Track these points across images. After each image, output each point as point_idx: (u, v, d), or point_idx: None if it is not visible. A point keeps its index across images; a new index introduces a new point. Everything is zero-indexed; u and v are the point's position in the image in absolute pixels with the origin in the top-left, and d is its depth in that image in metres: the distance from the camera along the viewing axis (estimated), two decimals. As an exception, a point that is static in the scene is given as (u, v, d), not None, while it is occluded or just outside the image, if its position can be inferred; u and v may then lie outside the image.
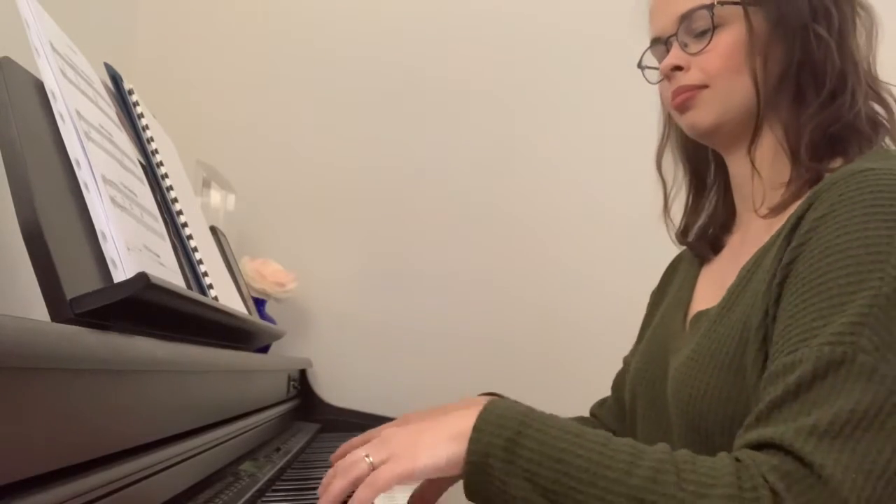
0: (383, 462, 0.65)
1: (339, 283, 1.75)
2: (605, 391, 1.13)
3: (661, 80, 0.88)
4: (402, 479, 0.64)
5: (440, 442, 0.64)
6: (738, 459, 0.61)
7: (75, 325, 0.51)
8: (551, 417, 0.65)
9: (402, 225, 1.78)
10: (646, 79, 0.92)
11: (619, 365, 1.12)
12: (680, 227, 0.97)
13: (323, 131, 1.79)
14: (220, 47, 1.79)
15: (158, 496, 0.62)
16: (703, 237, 0.94)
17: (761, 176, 0.81)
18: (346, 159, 1.78)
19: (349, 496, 0.67)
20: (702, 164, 0.95)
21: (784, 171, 0.80)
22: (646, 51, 0.91)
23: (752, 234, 0.83)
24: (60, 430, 0.45)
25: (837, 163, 0.77)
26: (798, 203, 0.75)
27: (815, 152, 0.78)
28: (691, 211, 0.96)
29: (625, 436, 0.98)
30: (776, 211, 0.79)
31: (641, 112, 1.78)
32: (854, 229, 0.65)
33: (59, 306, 0.54)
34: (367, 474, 0.65)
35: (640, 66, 0.92)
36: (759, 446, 0.61)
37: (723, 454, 0.62)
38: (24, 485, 0.41)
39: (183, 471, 0.69)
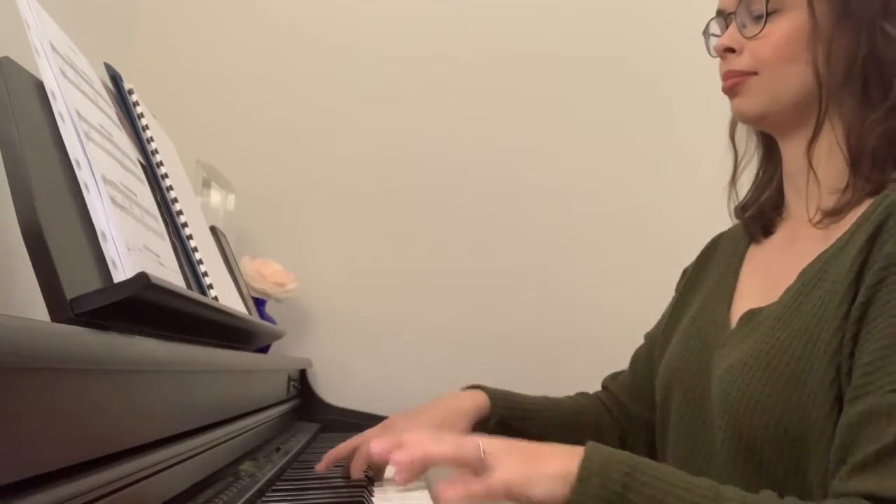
0: (495, 465, 0.65)
1: (339, 283, 1.75)
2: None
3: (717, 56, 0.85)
4: (511, 495, 0.64)
5: (552, 477, 0.63)
6: None
7: (75, 325, 0.51)
8: (655, 467, 0.63)
9: (402, 225, 1.78)
10: (707, 48, 0.89)
11: (622, 364, 1.12)
12: (743, 200, 0.93)
13: (323, 131, 1.79)
14: (220, 47, 1.79)
15: (158, 496, 0.62)
16: (759, 215, 0.90)
17: (817, 176, 0.78)
18: (346, 159, 1.78)
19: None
20: (774, 139, 0.89)
21: (841, 175, 0.76)
22: (711, 20, 0.88)
23: (805, 233, 0.79)
24: (60, 430, 0.45)
25: None
26: (858, 210, 0.72)
27: (878, 161, 0.74)
28: (759, 185, 0.92)
29: (637, 412, 1.00)
30: (830, 219, 0.75)
31: (643, 111, 1.79)
32: None
33: (59, 306, 0.54)
34: (478, 461, 0.65)
35: (704, 33, 0.89)
36: (861, 495, 0.58)
37: (828, 502, 0.59)
38: (24, 485, 0.41)
39: (183, 471, 0.69)
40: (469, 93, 1.79)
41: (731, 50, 0.81)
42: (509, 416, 1.00)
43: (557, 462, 0.65)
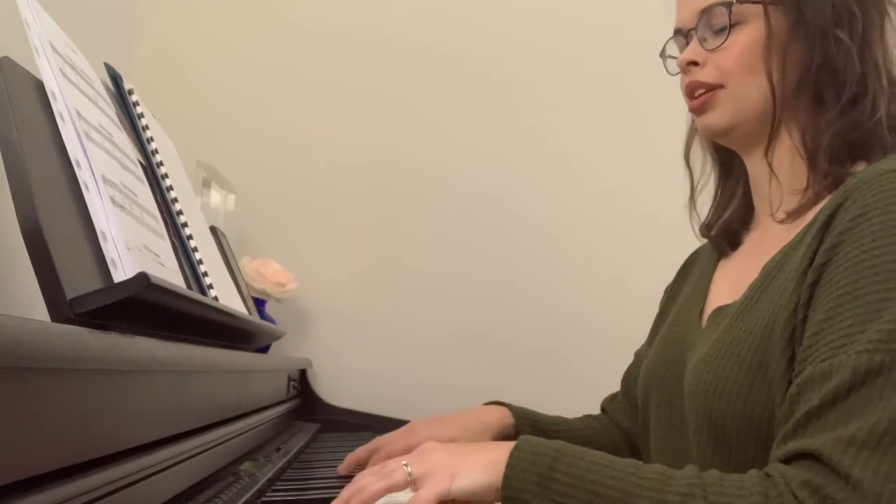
0: (422, 476, 0.68)
1: (339, 283, 1.75)
2: (608, 390, 1.13)
3: (679, 73, 0.87)
4: (441, 497, 0.66)
5: (477, 469, 0.66)
6: (767, 475, 0.60)
7: (75, 325, 0.51)
8: (581, 450, 0.66)
9: (402, 225, 1.78)
10: (666, 69, 0.91)
11: (623, 364, 1.12)
12: (706, 219, 0.95)
13: (323, 131, 1.79)
14: (220, 47, 1.79)
15: (158, 496, 0.62)
16: (724, 232, 0.92)
17: (779, 180, 0.80)
18: (346, 159, 1.78)
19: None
20: (729, 156, 0.92)
21: (801, 176, 0.78)
22: (668, 41, 0.90)
23: (772, 235, 0.82)
24: (60, 430, 0.45)
25: (859, 167, 0.75)
26: (819, 206, 0.74)
27: (834, 158, 0.76)
28: (718, 204, 0.95)
29: (637, 432, 0.99)
30: (793, 216, 0.78)
31: (644, 111, 1.79)
32: (890, 233, 0.64)
33: (59, 306, 0.54)
34: (404, 483, 0.68)
35: (662, 55, 0.91)
36: (794, 458, 0.60)
37: (753, 471, 0.61)
38: (24, 485, 0.41)
39: (183, 471, 0.69)
40: (469, 95, 1.79)
41: (694, 63, 0.83)
42: (535, 434, 0.99)
43: (487, 454, 0.67)
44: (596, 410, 1.13)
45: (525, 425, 1.00)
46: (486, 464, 0.66)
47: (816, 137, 0.77)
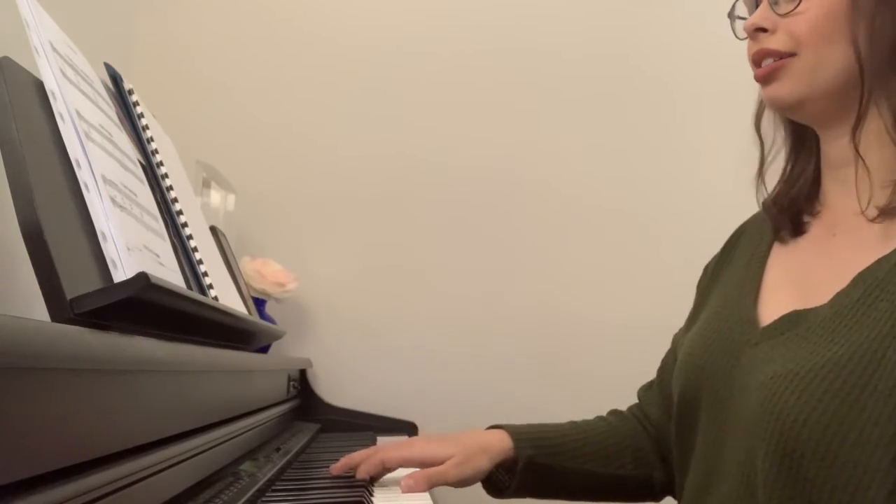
0: None
1: (339, 283, 1.75)
2: (609, 390, 1.12)
3: (746, 38, 0.79)
4: None
5: None
6: None
7: (75, 325, 0.51)
8: None
9: (402, 225, 1.78)
10: (733, 31, 0.82)
11: (623, 366, 1.11)
12: (772, 194, 0.86)
13: (323, 131, 1.79)
14: (220, 47, 1.79)
15: (158, 496, 0.62)
16: (787, 210, 0.83)
17: (867, 167, 0.71)
18: (346, 159, 1.78)
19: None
20: (804, 129, 0.83)
21: (893, 164, 0.71)
22: (737, 0, 0.82)
23: (854, 231, 0.74)
24: (60, 430, 0.45)
25: None
26: None
27: None
28: (788, 180, 0.85)
29: (665, 424, 0.94)
30: (888, 215, 0.70)
31: (647, 109, 1.79)
32: None
33: (59, 306, 0.54)
34: None
35: (730, 15, 0.82)
36: None
37: None
38: (24, 485, 0.41)
39: (183, 471, 0.69)
40: (470, 93, 1.79)
41: (762, 30, 0.75)
42: (536, 456, 0.93)
43: None
44: (596, 411, 1.12)
45: (525, 448, 0.93)
46: None
47: None
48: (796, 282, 0.78)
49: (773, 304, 0.78)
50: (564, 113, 1.80)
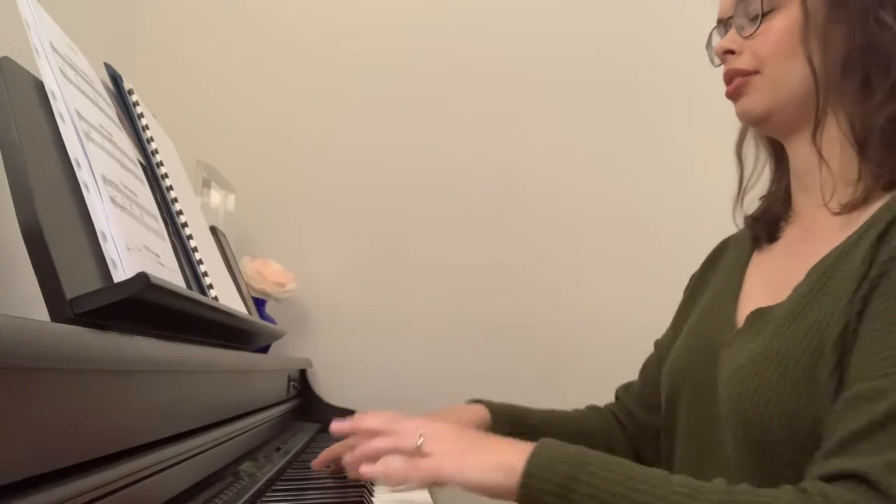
0: (431, 453, 0.67)
1: (339, 283, 1.75)
2: (610, 386, 1.13)
3: (721, 64, 0.85)
4: (440, 481, 0.66)
5: (489, 467, 0.65)
6: (804, 490, 0.58)
7: (75, 325, 0.51)
8: (603, 459, 0.64)
9: (402, 225, 1.78)
10: (710, 60, 0.89)
11: (620, 363, 1.11)
12: (757, 210, 0.92)
13: (323, 131, 1.79)
14: (220, 47, 1.79)
15: (158, 496, 0.62)
16: (764, 220, 0.89)
17: (830, 168, 0.77)
18: (346, 159, 1.78)
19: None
20: (782, 149, 0.89)
21: (853, 166, 0.76)
22: (712, 31, 0.89)
23: (818, 231, 0.79)
24: (60, 429, 0.45)
25: None
26: (874, 206, 0.72)
27: (887, 146, 0.73)
28: (771, 195, 0.91)
29: (649, 423, 0.98)
30: (847, 209, 0.75)
31: (642, 112, 1.79)
32: None
33: (59, 306, 0.54)
34: (412, 451, 0.67)
35: (707, 46, 0.89)
36: (838, 477, 0.58)
37: (787, 487, 0.59)
38: (24, 485, 0.41)
39: (183, 471, 0.69)
40: (469, 94, 1.80)
41: (730, 52, 0.82)
42: (512, 433, 0.97)
43: (502, 453, 0.66)
44: (597, 409, 1.13)
45: (502, 423, 0.97)
46: (499, 465, 0.65)
47: (866, 121, 0.75)
48: (769, 284, 0.83)
49: (748, 306, 0.83)
50: (568, 111, 1.80)
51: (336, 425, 0.80)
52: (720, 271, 0.95)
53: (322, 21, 1.81)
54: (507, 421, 0.98)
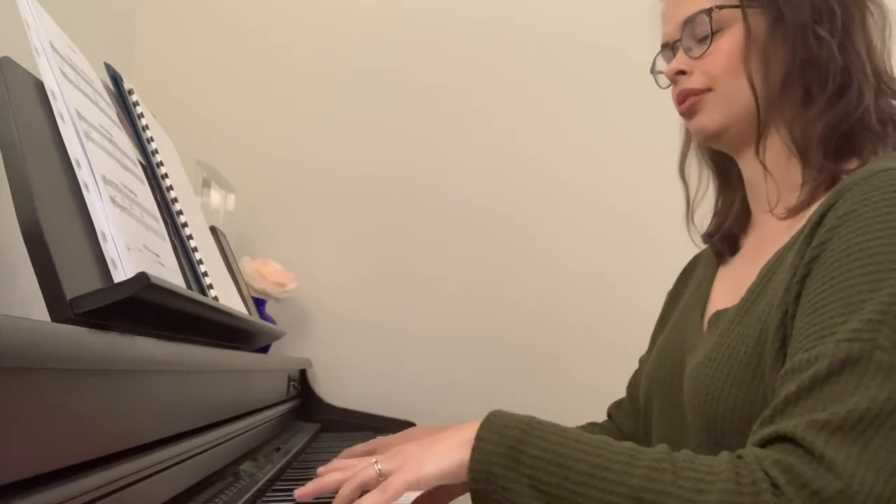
0: (391, 471, 0.67)
1: (339, 283, 1.75)
2: (608, 392, 1.13)
3: (670, 85, 0.89)
4: (411, 486, 0.66)
5: (447, 450, 0.66)
6: (739, 456, 0.61)
7: (75, 325, 0.51)
8: (552, 425, 0.66)
9: (402, 225, 1.78)
10: (657, 83, 0.93)
11: (618, 365, 1.12)
12: (708, 228, 0.96)
13: (323, 131, 1.79)
14: (220, 47, 1.79)
15: (158, 496, 0.62)
16: (725, 238, 0.93)
17: (774, 177, 0.81)
18: (346, 159, 1.78)
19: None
20: (727, 165, 0.94)
21: (797, 172, 0.80)
22: (656, 56, 0.92)
23: (771, 236, 0.83)
24: (60, 430, 0.45)
25: (853, 164, 0.77)
26: (817, 204, 0.75)
27: (827, 152, 0.77)
28: (719, 212, 0.96)
29: (641, 437, 0.99)
30: (793, 212, 0.79)
31: (646, 115, 1.79)
32: (875, 228, 0.65)
33: (59, 306, 0.54)
34: (376, 480, 0.67)
35: (652, 71, 0.93)
36: (769, 441, 0.61)
37: (724, 453, 0.62)
38: (24, 485, 0.41)
39: (183, 471, 0.69)
40: (470, 99, 1.79)
41: (681, 73, 0.85)
42: None
43: (458, 434, 0.67)
44: (596, 412, 1.13)
45: None
46: (456, 444, 0.65)
47: (806, 131, 0.79)
48: (730, 290, 0.87)
49: (712, 312, 0.87)
50: (566, 117, 1.80)
51: (300, 491, 0.76)
52: (690, 287, 0.98)
53: (322, 21, 1.81)
54: None
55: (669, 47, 0.88)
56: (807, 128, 0.79)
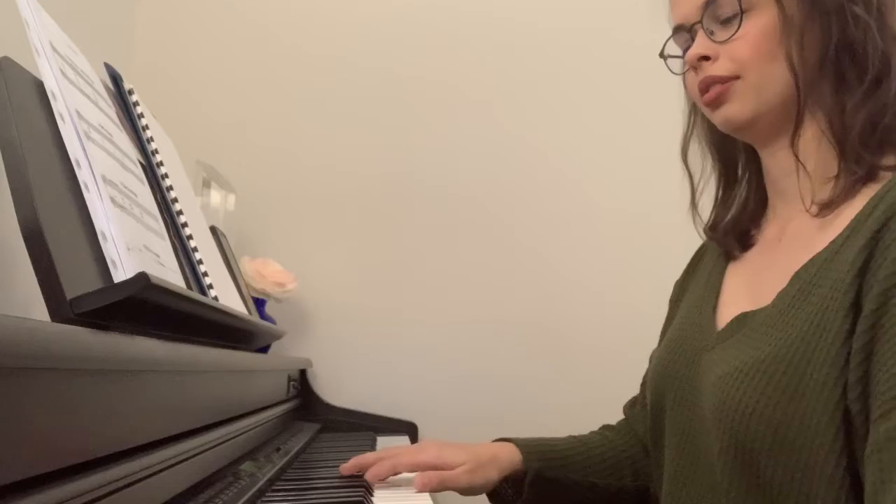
0: None
1: (339, 283, 1.75)
2: (611, 391, 1.13)
3: (686, 71, 0.83)
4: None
5: None
6: None
7: (75, 325, 0.51)
8: None
9: (402, 225, 1.78)
10: (669, 69, 0.87)
11: (626, 364, 1.11)
12: (709, 221, 0.91)
13: (323, 131, 1.79)
14: (220, 47, 1.79)
15: (158, 496, 0.62)
16: (733, 232, 0.88)
17: (807, 170, 0.76)
18: (346, 159, 1.78)
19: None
20: (731, 154, 0.89)
21: (831, 163, 0.75)
22: (668, 39, 0.86)
23: (795, 233, 0.78)
24: (60, 430, 0.45)
25: (891, 159, 0.72)
26: (855, 204, 0.71)
27: (865, 143, 0.72)
28: (721, 204, 0.91)
29: (648, 432, 0.96)
30: (826, 207, 0.74)
31: (645, 113, 1.79)
32: None
33: (59, 306, 0.54)
34: None
35: (662, 55, 0.87)
36: None
37: None
38: (24, 485, 0.41)
39: (183, 471, 0.69)
40: (469, 96, 1.79)
41: (705, 58, 0.78)
42: (544, 469, 0.95)
43: None
44: (599, 409, 1.12)
45: (533, 461, 0.95)
46: None
47: (844, 121, 0.73)
48: (748, 288, 0.82)
49: (729, 310, 0.82)
50: (561, 115, 1.80)
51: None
52: (698, 278, 0.94)
53: (322, 21, 1.81)
54: (538, 458, 0.96)
55: (686, 30, 0.81)
56: (845, 116, 0.73)
